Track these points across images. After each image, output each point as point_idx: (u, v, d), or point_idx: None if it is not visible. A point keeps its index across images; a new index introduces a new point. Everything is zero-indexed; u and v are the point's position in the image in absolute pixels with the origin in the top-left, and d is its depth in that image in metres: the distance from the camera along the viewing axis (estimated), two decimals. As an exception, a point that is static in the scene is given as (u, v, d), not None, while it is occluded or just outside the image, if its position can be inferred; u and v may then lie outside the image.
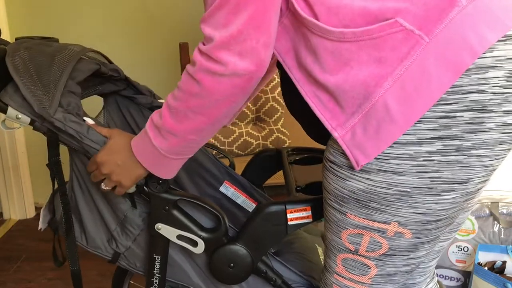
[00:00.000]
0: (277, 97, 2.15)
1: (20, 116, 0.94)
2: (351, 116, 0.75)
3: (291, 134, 2.17)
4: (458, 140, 0.71)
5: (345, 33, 0.72)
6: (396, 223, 0.78)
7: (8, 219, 2.51)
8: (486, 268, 1.44)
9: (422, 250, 0.83)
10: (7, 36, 2.21)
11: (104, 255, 1.08)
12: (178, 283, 1.09)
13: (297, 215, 0.99)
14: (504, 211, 1.51)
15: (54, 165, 0.98)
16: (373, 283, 0.87)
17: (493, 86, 0.69)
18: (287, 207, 0.99)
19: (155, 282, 1.05)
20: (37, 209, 2.55)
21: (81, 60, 1.01)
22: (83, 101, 1.03)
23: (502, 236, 1.50)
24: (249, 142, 2.12)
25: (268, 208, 0.99)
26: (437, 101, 0.70)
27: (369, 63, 0.71)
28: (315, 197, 1.01)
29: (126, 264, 1.09)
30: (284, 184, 1.18)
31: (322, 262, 1.23)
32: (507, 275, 1.44)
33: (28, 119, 0.94)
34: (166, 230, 0.99)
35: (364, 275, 0.86)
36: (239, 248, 1.00)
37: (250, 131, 2.13)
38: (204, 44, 0.79)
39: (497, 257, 1.46)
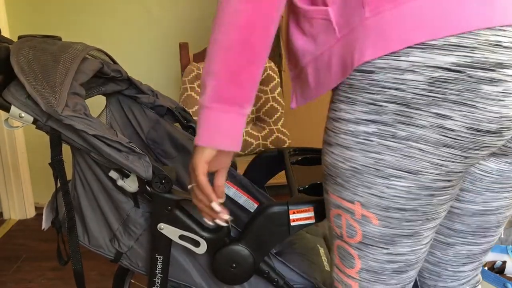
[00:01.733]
0: (277, 97, 2.15)
1: (23, 115, 0.94)
2: (294, 68, 0.87)
3: (291, 134, 2.17)
4: (391, 127, 0.72)
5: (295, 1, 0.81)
6: (359, 203, 0.79)
7: (8, 219, 2.51)
8: (486, 268, 1.44)
9: (403, 245, 0.81)
10: (7, 35, 2.20)
11: (106, 254, 1.08)
12: (180, 283, 1.09)
13: (299, 216, 0.99)
14: (504, 211, 1.51)
15: (56, 164, 0.99)
16: (362, 279, 0.85)
17: (413, 88, 0.69)
18: (289, 207, 0.99)
19: (157, 282, 1.05)
20: (37, 209, 2.55)
21: (85, 60, 1.01)
22: (86, 100, 1.03)
23: (502, 236, 1.51)
24: (249, 142, 2.12)
25: (271, 209, 0.99)
26: (361, 88, 0.73)
27: (305, 35, 0.82)
28: (318, 198, 1.01)
29: (128, 264, 1.09)
30: (286, 184, 1.18)
31: (324, 263, 1.23)
32: (507, 275, 1.44)
33: (31, 118, 0.94)
34: (169, 230, 0.99)
35: (352, 268, 0.86)
36: (241, 249, 1.00)
37: (250, 131, 2.13)
38: None
39: (497, 257, 1.47)
